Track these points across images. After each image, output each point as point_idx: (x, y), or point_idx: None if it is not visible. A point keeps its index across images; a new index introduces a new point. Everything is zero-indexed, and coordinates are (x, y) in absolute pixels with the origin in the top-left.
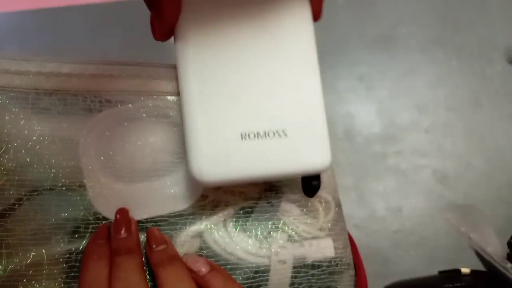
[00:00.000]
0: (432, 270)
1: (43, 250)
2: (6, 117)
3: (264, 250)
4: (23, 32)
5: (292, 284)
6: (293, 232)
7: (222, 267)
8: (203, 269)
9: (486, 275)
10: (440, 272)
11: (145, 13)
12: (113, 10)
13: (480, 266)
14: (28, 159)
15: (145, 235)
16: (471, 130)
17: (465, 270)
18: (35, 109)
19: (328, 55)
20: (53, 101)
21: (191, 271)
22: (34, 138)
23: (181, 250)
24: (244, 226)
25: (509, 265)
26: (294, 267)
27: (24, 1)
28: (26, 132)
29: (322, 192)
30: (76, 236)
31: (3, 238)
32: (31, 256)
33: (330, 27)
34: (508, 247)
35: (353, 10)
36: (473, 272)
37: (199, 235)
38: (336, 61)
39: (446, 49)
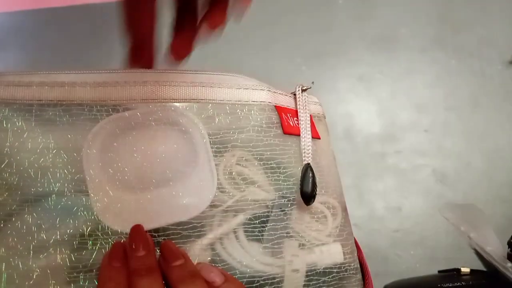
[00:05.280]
0: (432, 270)
1: (48, 270)
2: (9, 130)
3: (277, 259)
4: (23, 32)
5: None
6: (304, 240)
7: (235, 278)
8: (217, 279)
9: (486, 274)
10: (440, 272)
11: None
12: (113, 10)
13: (480, 266)
14: (31, 173)
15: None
16: (470, 130)
17: (464, 269)
18: (39, 121)
19: (328, 55)
20: (58, 112)
21: (207, 282)
22: (38, 150)
23: (195, 262)
24: (259, 236)
25: (509, 264)
26: (306, 275)
27: (24, 1)
28: (29, 145)
29: (329, 198)
30: (83, 253)
31: (4, 256)
32: (35, 276)
33: (330, 27)
34: (508, 247)
35: (353, 10)
36: (472, 271)
37: (211, 247)
38: (336, 61)
39: (446, 49)
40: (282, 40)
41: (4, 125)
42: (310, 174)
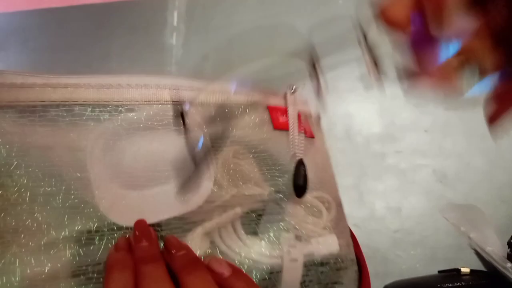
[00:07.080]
0: (432, 270)
1: (58, 264)
2: (15, 132)
3: (276, 250)
4: (23, 32)
5: (303, 281)
6: (301, 232)
7: (243, 270)
8: (225, 271)
9: (486, 275)
10: (440, 272)
11: (145, 13)
12: (113, 10)
13: (480, 266)
14: (39, 174)
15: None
16: (471, 130)
17: (465, 269)
18: (43, 121)
19: (328, 55)
20: (60, 113)
21: (213, 273)
22: (44, 151)
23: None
24: (256, 228)
25: (509, 264)
26: (305, 266)
27: (24, 1)
28: (36, 146)
29: (323, 193)
30: (91, 248)
31: (17, 253)
32: (46, 271)
33: (330, 27)
34: (508, 247)
35: (352, 10)
36: (473, 271)
37: (208, 236)
38: (336, 61)
39: None
40: (282, 40)
41: (11, 128)
42: (303, 168)
